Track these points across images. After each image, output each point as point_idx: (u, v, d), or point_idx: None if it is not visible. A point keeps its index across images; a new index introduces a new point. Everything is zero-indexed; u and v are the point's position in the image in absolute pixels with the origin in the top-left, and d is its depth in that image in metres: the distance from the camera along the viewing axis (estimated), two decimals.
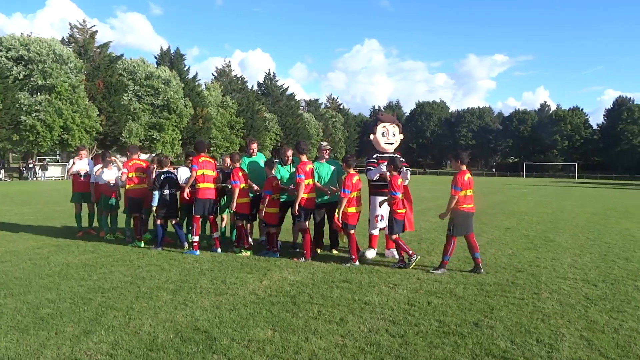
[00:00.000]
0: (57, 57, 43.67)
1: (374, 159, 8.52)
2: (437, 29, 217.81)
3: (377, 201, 8.23)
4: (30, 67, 42.81)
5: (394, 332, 4.72)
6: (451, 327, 4.86)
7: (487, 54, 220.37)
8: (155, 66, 55.62)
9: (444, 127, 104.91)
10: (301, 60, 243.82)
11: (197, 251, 8.32)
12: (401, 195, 7.64)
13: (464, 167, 7.41)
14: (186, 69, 61.56)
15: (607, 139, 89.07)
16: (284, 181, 8.50)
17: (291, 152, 8.84)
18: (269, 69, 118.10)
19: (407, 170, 8.20)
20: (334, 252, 8.69)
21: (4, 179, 39.60)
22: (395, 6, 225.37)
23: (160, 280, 6.52)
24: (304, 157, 8.10)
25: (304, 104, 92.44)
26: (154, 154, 46.26)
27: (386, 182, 7.87)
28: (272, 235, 8.36)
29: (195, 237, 8.39)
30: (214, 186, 8.66)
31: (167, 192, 8.80)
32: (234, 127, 63.59)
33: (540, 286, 6.55)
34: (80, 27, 51.69)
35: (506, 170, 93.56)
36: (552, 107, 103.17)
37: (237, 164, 8.61)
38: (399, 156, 8.50)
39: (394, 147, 8.79)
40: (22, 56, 42.87)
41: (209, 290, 6.05)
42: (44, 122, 41.94)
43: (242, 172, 8.52)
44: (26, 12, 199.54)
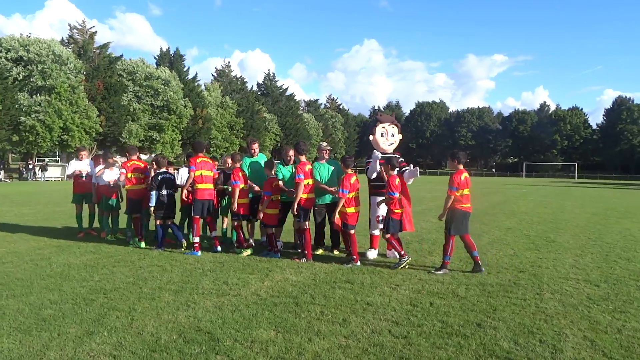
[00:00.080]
0: (57, 58, 43.72)
1: (372, 160, 8.53)
2: (437, 29, 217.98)
3: (377, 202, 8.23)
4: (29, 67, 42.85)
5: (397, 333, 4.72)
6: (454, 328, 4.86)
7: (486, 54, 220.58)
8: (154, 67, 55.74)
9: (444, 127, 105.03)
10: (300, 60, 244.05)
11: (198, 252, 8.31)
12: (399, 195, 7.65)
13: (461, 167, 7.42)
14: (186, 70, 61.70)
15: (606, 139, 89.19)
16: (286, 181, 8.50)
17: (293, 152, 8.84)
18: (269, 70, 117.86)
19: (416, 168, 8.23)
20: (335, 253, 8.69)
21: (3, 179, 39.56)
22: (394, 6, 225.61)
23: (162, 281, 6.51)
24: (303, 158, 8.13)
25: (303, 105, 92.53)
26: (154, 155, 46.24)
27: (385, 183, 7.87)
28: (271, 235, 8.36)
29: (196, 238, 8.38)
30: (212, 187, 8.66)
31: (164, 192, 8.77)
32: (233, 128, 63.68)
33: (542, 286, 6.55)
34: (79, 27, 51.79)
35: (506, 170, 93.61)
36: (552, 107, 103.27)
37: (238, 164, 8.62)
38: (397, 156, 8.51)
39: (393, 148, 8.81)
40: (22, 57, 42.91)
41: (211, 291, 6.05)
42: (44, 122, 41.99)
43: (242, 172, 8.52)
44: (25, 13, 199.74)
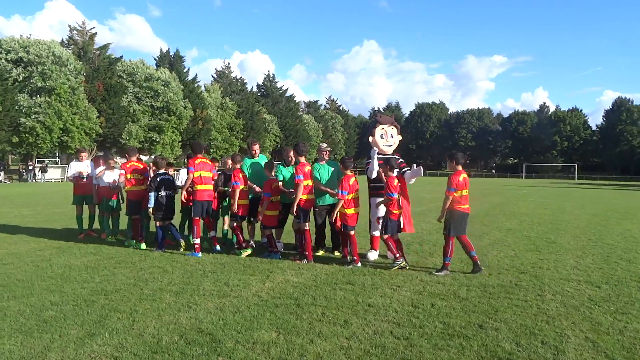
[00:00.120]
0: (57, 59, 43.71)
1: (370, 158, 8.55)
2: (436, 30, 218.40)
3: (376, 203, 8.23)
4: (29, 69, 42.84)
5: (398, 334, 4.71)
6: (456, 329, 4.85)
7: (485, 55, 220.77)
8: (154, 68, 55.71)
9: (444, 128, 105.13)
10: (300, 61, 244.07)
11: (199, 253, 8.31)
12: (398, 196, 7.65)
13: (460, 168, 7.44)
14: (185, 71, 61.69)
15: (606, 140, 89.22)
16: (286, 181, 8.50)
17: (293, 153, 8.84)
18: (268, 71, 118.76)
19: (420, 167, 8.24)
20: (336, 254, 8.68)
21: (3, 180, 39.54)
22: (393, 7, 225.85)
23: (163, 282, 6.50)
24: (303, 159, 8.13)
25: (303, 106, 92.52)
26: (154, 156, 46.23)
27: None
28: (269, 236, 8.35)
29: (196, 240, 8.38)
30: (212, 188, 8.65)
31: (163, 193, 8.76)
32: (233, 129, 63.68)
33: (543, 288, 6.54)
34: (79, 29, 51.77)
35: (506, 171, 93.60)
36: (551, 108, 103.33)
37: (238, 165, 8.62)
38: (397, 157, 8.52)
39: (392, 149, 8.82)
40: (22, 58, 42.89)
41: (212, 292, 6.04)
42: (44, 124, 41.98)
43: (242, 173, 8.52)
44: (25, 14, 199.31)
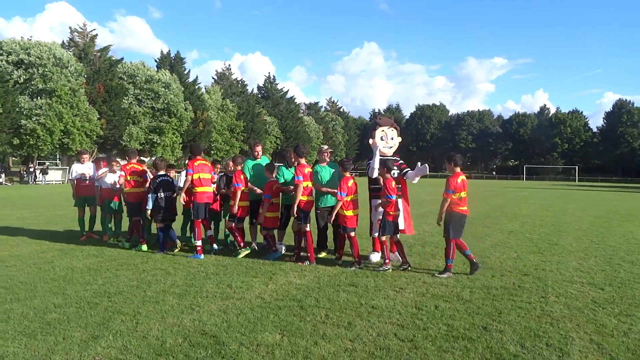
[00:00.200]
0: (58, 61, 43.75)
1: (372, 158, 8.56)
2: (436, 32, 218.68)
3: (376, 204, 8.22)
4: (30, 71, 42.88)
5: (402, 336, 4.70)
6: (460, 331, 4.84)
7: (486, 57, 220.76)
8: (155, 70, 55.78)
9: (444, 130, 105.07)
10: (300, 63, 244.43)
11: (201, 255, 8.30)
12: (397, 197, 7.64)
13: (458, 169, 7.43)
14: (186, 73, 61.73)
15: (607, 142, 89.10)
16: (288, 182, 8.50)
17: (293, 155, 8.84)
18: (269, 72, 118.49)
19: (425, 165, 8.23)
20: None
21: (4, 183, 39.56)
22: (394, 9, 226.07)
23: (165, 284, 6.50)
24: (303, 160, 8.15)
25: (304, 107, 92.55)
26: (154, 158, 46.25)
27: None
28: (267, 237, 8.36)
29: (198, 242, 8.38)
30: (212, 189, 8.64)
31: (162, 195, 8.75)
32: (234, 131, 63.70)
33: (547, 290, 6.53)
34: (80, 30, 51.82)
35: (506, 173, 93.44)
36: (552, 110, 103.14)
37: (239, 167, 8.61)
38: (396, 158, 8.51)
39: (392, 151, 8.81)
40: (23, 60, 42.94)
41: (215, 294, 6.03)
42: (44, 126, 42.01)
43: (243, 175, 8.51)
44: (26, 16, 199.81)
